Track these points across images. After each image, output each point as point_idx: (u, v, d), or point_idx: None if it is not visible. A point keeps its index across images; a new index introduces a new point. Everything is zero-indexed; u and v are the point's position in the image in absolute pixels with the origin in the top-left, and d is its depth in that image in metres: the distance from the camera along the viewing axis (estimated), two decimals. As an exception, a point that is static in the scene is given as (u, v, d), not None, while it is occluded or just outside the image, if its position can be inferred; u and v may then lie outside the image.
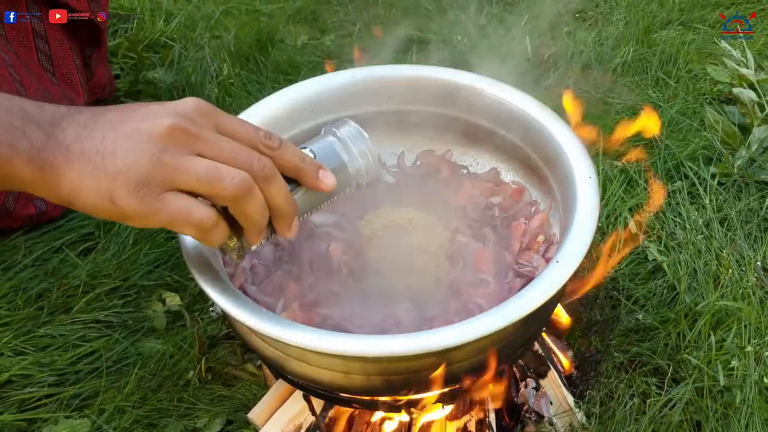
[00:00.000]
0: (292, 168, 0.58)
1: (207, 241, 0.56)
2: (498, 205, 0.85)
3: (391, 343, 0.61)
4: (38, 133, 0.51)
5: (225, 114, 0.56)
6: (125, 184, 0.50)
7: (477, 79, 0.87)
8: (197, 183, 0.52)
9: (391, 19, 1.70)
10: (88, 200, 0.51)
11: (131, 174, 0.50)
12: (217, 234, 0.55)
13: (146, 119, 0.52)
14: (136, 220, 0.52)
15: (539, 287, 0.64)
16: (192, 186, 0.52)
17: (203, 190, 0.53)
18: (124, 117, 0.52)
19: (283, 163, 0.57)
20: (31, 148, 0.50)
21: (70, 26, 1.15)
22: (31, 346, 0.98)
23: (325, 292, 0.76)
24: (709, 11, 1.71)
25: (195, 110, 0.53)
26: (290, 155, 0.57)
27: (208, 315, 1.04)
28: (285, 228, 0.59)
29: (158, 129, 0.51)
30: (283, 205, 0.57)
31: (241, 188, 0.53)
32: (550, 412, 0.89)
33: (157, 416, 0.92)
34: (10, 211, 1.09)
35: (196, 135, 0.52)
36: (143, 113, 0.52)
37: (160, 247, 1.13)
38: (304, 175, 0.58)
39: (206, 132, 0.53)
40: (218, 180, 0.52)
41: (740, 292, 1.02)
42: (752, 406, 0.88)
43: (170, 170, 0.51)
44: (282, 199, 0.56)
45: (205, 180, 0.52)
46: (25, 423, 0.91)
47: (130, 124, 0.51)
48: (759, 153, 1.27)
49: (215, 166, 0.52)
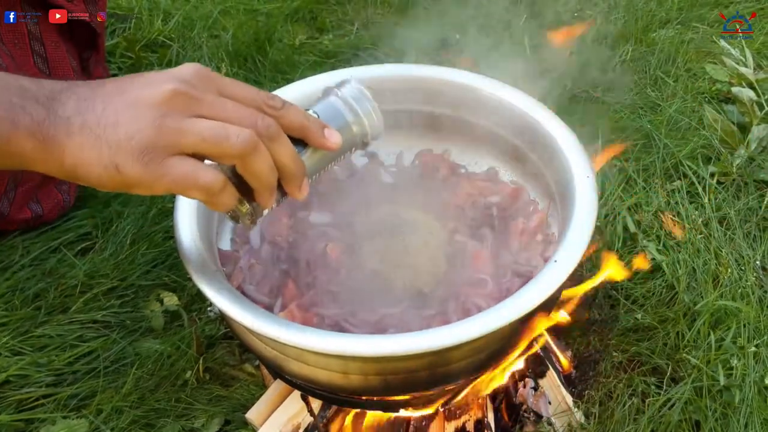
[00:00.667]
0: (296, 127, 0.57)
1: (216, 205, 0.55)
2: (496, 205, 0.85)
3: (389, 343, 0.61)
4: (38, 108, 0.50)
5: (225, 78, 0.55)
6: (129, 152, 0.50)
7: (475, 79, 0.87)
8: (203, 143, 0.51)
9: (388, 19, 1.70)
10: (92, 172, 0.51)
11: (135, 142, 0.50)
12: (225, 197, 0.54)
13: (146, 87, 0.51)
14: (142, 188, 0.52)
15: (537, 287, 0.64)
16: (197, 147, 0.52)
17: (209, 151, 0.52)
18: (124, 87, 0.52)
19: (287, 122, 0.56)
20: (32, 123, 0.50)
21: (67, 29, 1.15)
22: (28, 346, 0.98)
23: (322, 292, 0.76)
24: (707, 10, 1.71)
25: (195, 75, 0.53)
26: (294, 115, 0.57)
27: (205, 315, 1.04)
28: (295, 189, 0.58)
29: (159, 95, 0.51)
30: (291, 163, 0.56)
31: (247, 145, 0.52)
32: (548, 411, 0.89)
33: (154, 416, 0.92)
34: (4, 215, 1.08)
35: (198, 98, 0.52)
36: (143, 81, 0.52)
37: (157, 246, 1.12)
38: (309, 134, 0.58)
39: (208, 95, 0.53)
40: (224, 138, 0.51)
41: (739, 292, 1.02)
42: (751, 405, 0.88)
43: (174, 134, 0.51)
44: (289, 157, 0.56)
45: (211, 139, 0.51)
46: (23, 423, 0.90)
47: (131, 93, 0.51)
48: (758, 152, 1.27)
49: (220, 125, 0.52)
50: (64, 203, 1.16)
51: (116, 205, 1.19)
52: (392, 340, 0.62)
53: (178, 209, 0.72)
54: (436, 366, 0.66)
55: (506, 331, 0.63)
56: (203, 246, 0.70)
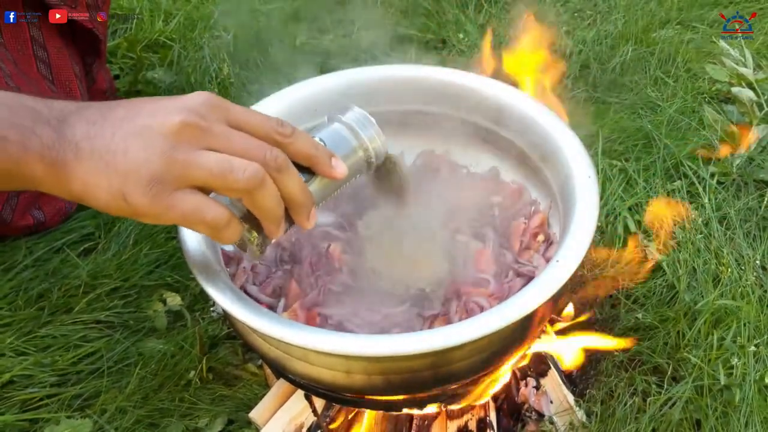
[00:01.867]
0: (305, 156, 0.57)
1: (221, 239, 0.55)
2: (498, 205, 0.86)
3: (391, 342, 0.61)
4: (48, 131, 0.51)
5: (235, 106, 0.56)
6: (137, 182, 0.50)
7: (476, 79, 0.87)
8: (210, 177, 0.52)
9: (390, 19, 1.71)
10: (100, 198, 0.52)
11: (143, 172, 0.50)
12: (230, 232, 0.55)
13: (156, 115, 0.51)
14: (149, 218, 0.52)
15: (539, 287, 0.64)
16: (205, 181, 0.52)
17: (216, 185, 0.52)
18: (134, 113, 0.52)
19: (295, 151, 0.56)
20: (42, 146, 0.50)
21: (69, 33, 1.15)
22: (32, 346, 0.98)
23: (325, 293, 0.77)
24: (707, 10, 1.71)
25: (205, 104, 0.53)
26: (302, 143, 0.57)
27: (209, 315, 1.04)
28: (303, 219, 0.58)
29: (169, 126, 0.51)
30: (299, 194, 0.56)
31: (253, 180, 0.52)
32: (550, 410, 0.89)
33: (158, 416, 0.92)
34: (7, 222, 1.08)
35: (207, 130, 0.52)
36: (152, 109, 0.52)
37: (160, 247, 1.13)
38: (318, 162, 0.58)
39: (217, 126, 0.53)
40: (230, 173, 0.52)
41: (739, 291, 1.02)
42: (752, 404, 0.89)
43: (182, 167, 0.51)
44: (296, 188, 0.56)
45: (218, 174, 0.52)
46: (27, 423, 0.91)
47: (140, 121, 0.51)
48: (758, 152, 1.28)
49: (227, 159, 0.52)
50: (66, 210, 1.16)
51: (118, 205, 1.20)
52: (395, 340, 0.62)
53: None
54: (439, 366, 0.66)
55: (508, 331, 0.63)
56: (207, 246, 0.70)
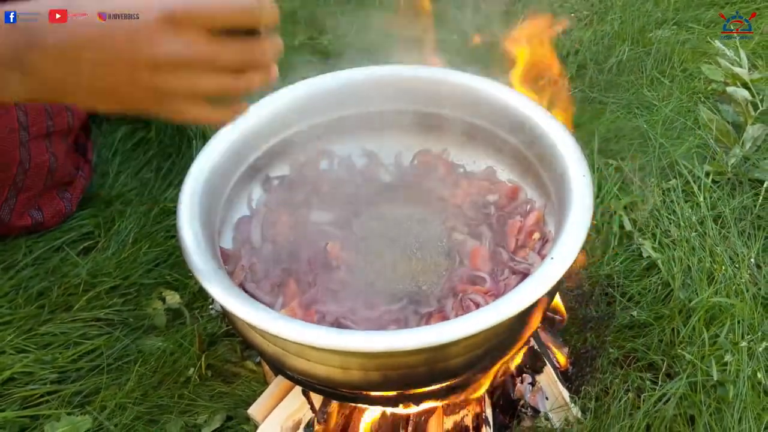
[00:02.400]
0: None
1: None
2: (494, 204, 0.86)
3: (388, 338, 0.62)
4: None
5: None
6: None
7: (472, 79, 0.88)
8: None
9: (387, 20, 1.71)
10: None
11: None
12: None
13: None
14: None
15: (534, 284, 0.65)
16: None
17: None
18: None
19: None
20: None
21: None
22: (32, 344, 0.99)
23: (323, 290, 0.77)
24: (703, 11, 1.72)
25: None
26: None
27: (207, 313, 1.05)
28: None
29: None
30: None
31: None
32: (545, 407, 0.90)
33: (158, 413, 0.93)
34: (5, 222, 1.09)
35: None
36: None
37: (159, 245, 1.13)
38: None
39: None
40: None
41: (734, 289, 1.03)
42: (745, 400, 0.90)
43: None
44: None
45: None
46: (28, 420, 0.92)
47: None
48: (753, 151, 1.29)
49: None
50: (66, 210, 1.17)
51: (118, 204, 1.21)
52: (392, 336, 0.63)
53: (181, 209, 0.73)
54: (435, 362, 0.67)
55: (503, 328, 0.64)
56: (206, 245, 0.71)
